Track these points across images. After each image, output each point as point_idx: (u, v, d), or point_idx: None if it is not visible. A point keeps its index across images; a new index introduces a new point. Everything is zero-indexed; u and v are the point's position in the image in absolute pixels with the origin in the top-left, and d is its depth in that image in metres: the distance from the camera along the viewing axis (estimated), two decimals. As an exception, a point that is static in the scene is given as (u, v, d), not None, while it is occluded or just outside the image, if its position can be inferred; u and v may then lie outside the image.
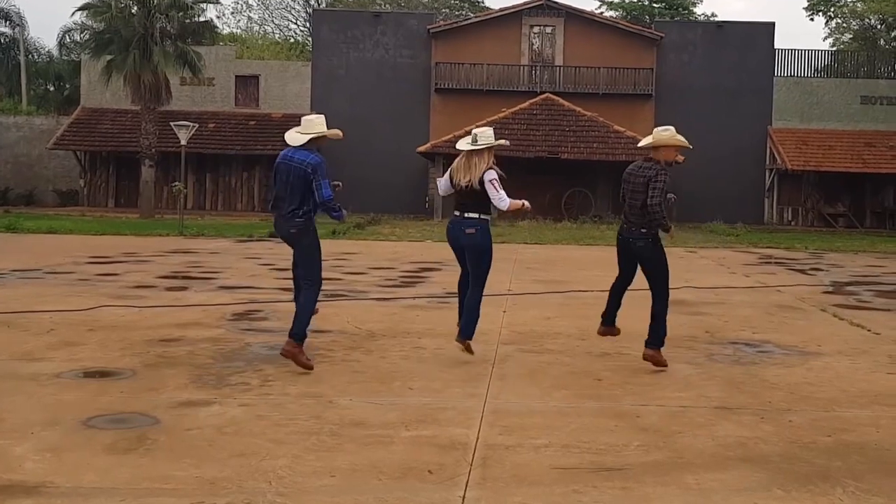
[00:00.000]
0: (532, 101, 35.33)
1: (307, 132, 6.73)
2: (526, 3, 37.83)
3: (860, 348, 8.06)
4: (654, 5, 51.31)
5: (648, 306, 6.92)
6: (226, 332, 8.20)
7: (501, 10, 38.80)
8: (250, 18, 61.87)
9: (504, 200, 6.89)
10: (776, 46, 37.89)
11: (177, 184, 27.05)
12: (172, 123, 28.02)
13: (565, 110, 34.71)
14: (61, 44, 46.78)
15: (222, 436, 4.86)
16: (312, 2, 55.72)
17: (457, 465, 4.44)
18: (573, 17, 37.88)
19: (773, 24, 37.98)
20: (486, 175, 6.89)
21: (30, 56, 46.81)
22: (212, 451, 4.59)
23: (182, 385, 6.02)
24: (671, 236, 6.96)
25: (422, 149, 33.59)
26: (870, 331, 9.07)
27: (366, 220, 29.75)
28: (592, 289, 11.67)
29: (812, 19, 60.19)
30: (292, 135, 6.79)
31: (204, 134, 34.53)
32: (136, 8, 32.54)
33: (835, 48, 48.16)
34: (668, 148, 6.95)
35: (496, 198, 6.88)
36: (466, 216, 7.03)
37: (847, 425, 5.37)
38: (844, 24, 50.63)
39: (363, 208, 33.61)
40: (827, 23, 51.25)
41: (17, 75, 45.74)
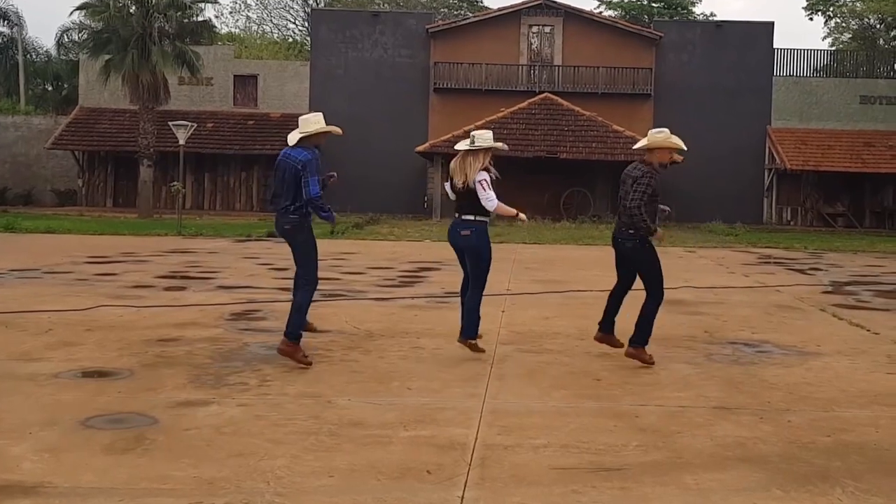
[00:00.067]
0: (531, 100, 35.33)
1: (301, 131, 6.89)
2: (525, 3, 37.82)
3: (859, 348, 8.05)
4: (653, 5, 51.32)
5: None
6: (224, 331, 8.20)
7: (500, 9, 38.81)
8: (249, 18, 61.92)
9: (491, 201, 6.91)
10: (775, 46, 37.92)
11: (175, 183, 27.03)
12: (171, 123, 28.02)
13: (564, 110, 34.71)
14: (59, 43, 46.86)
15: (220, 436, 4.85)
16: (311, 1, 55.70)
17: (455, 466, 4.43)
18: (572, 16, 37.88)
19: (772, 24, 37.99)
20: (478, 175, 6.92)
21: (28, 56, 46.82)
22: (210, 451, 4.58)
23: (180, 385, 6.01)
24: (658, 239, 6.93)
25: (420, 148, 33.60)
26: (869, 331, 9.07)
27: (364, 219, 29.74)
28: (591, 288, 11.66)
29: (811, 19, 60.34)
30: (291, 135, 6.99)
31: (202, 134, 34.52)
32: (134, 7, 32.55)
33: (834, 48, 48.26)
34: (661, 150, 6.99)
35: (483, 198, 6.91)
36: (463, 218, 7.07)
37: (846, 425, 5.36)
38: (843, 24, 50.71)
39: (362, 208, 33.64)
40: (826, 22, 51.39)
41: (16, 75, 45.75)
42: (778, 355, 7.62)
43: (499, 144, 7.22)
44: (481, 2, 56.97)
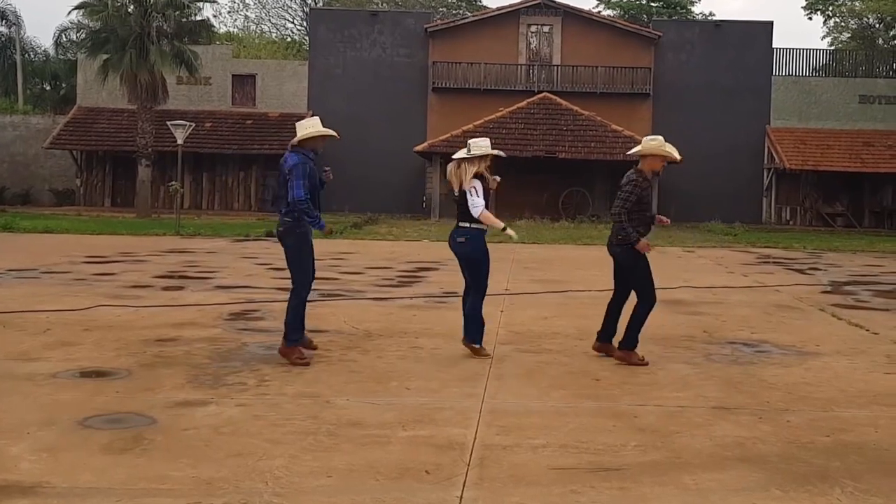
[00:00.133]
0: (529, 100, 35.33)
1: (297, 137, 6.92)
2: (523, 2, 37.80)
3: (858, 348, 8.05)
4: (652, 4, 51.28)
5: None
6: (222, 331, 8.19)
7: (499, 9, 38.81)
8: (247, 17, 61.62)
9: (477, 208, 6.92)
10: (774, 45, 37.90)
11: (173, 183, 27.01)
12: (169, 123, 28.00)
13: (563, 109, 34.71)
14: (58, 43, 46.80)
15: (219, 436, 4.84)
16: (309, 1, 55.67)
17: (454, 466, 4.42)
18: (571, 16, 37.87)
19: (771, 24, 37.99)
20: (471, 182, 6.95)
21: (26, 55, 46.75)
22: (208, 451, 4.57)
23: (178, 385, 6.00)
24: (642, 249, 6.86)
25: (419, 148, 33.60)
26: (868, 330, 9.07)
27: (363, 219, 29.74)
28: (590, 288, 11.66)
29: (810, 18, 60.29)
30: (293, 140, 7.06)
31: (200, 133, 34.49)
32: (132, 7, 32.50)
33: (833, 47, 48.24)
34: (653, 157, 7.00)
35: (470, 203, 6.95)
36: (460, 225, 7.14)
37: (845, 425, 5.36)
38: (843, 24, 50.71)
39: (360, 208, 33.65)
40: (825, 22, 51.37)
41: (14, 74, 45.70)
42: (777, 355, 7.62)
43: (495, 152, 7.19)
44: (480, 1, 56.95)
